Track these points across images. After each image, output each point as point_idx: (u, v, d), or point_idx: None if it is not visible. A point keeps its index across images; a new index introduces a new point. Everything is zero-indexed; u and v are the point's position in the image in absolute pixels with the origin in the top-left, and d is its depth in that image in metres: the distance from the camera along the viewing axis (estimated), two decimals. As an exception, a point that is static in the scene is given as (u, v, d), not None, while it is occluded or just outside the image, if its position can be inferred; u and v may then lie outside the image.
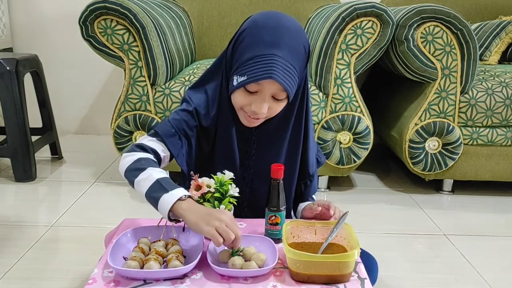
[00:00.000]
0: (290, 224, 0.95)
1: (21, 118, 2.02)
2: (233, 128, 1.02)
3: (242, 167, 1.06)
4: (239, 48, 0.95)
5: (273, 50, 0.90)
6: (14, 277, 1.33)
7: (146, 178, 0.91)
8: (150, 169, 0.93)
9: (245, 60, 0.92)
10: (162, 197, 0.87)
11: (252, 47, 0.92)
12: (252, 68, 0.91)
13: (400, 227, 1.73)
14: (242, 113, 0.99)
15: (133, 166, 0.95)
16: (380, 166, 2.41)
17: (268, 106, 0.95)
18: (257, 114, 0.96)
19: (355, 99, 1.86)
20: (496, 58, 2.23)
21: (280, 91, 0.94)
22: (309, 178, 1.12)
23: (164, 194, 0.88)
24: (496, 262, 1.50)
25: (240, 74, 0.93)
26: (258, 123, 1.01)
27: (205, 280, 0.83)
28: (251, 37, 0.93)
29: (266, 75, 0.89)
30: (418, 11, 1.77)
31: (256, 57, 0.91)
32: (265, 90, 0.93)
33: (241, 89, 0.95)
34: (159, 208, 0.88)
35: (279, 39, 0.91)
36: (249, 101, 0.95)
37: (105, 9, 1.74)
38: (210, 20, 2.48)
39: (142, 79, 1.84)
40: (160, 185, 0.90)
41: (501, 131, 1.91)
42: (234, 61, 0.96)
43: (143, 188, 0.91)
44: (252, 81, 0.91)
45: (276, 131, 1.04)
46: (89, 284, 0.81)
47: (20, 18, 2.73)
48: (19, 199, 1.93)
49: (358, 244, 0.85)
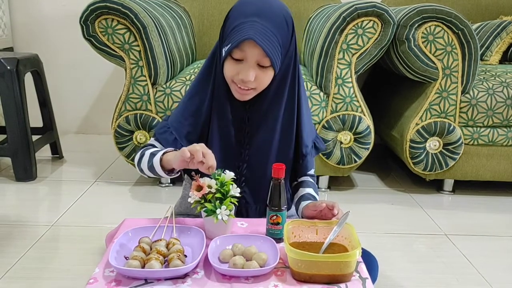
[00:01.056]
0: (291, 223, 0.95)
1: (22, 117, 2.02)
2: (228, 106, 1.06)
3: (238, 143, 1.09)
4: (225, 24, 1.02)
5: (253, 18, 0.96)
6: (15, 276, 1.33)
7: (145, 158, 1.07)
8: (147, 151, 1.07)
9: (230, 30, 0.99)
10: (153, 160, 1.03)
11: (236, 19, 0.98)
12: (234, 34, 0.97)
13: (401, 227, 1.73)
14: (233, 86, 1.03)
15: (139, 159, 1.09)
16: (381, 166, 2.41)
17: (254, 74, 0.99)
18: (245, 82, 0.99)
19: (356, 99, 1.86)
20: (497, 58, 2.23)
21: (263, 57, 0.97)
22: (302, 157, 1.14)
23: (154, 157, 1.03)
24: (497, 262, 1.50)
25: (226, 44, 0.99)
26: (249, 96, 1.04)
27: (206, 280, 0.83)
28: (235, 12, 1.00)
29: (245, 36, 0.94)
30: (419, 11, 1.77)
31: (238, 25, 0.97)
32: (248, 57, 0.98)
33: (229, 60, 1.00)
34: (156, 169, 1.03)
35: (260, 10, 0.97)
36: (237, 70, 1.00)
37: (106, 8, 1.74)
38: (210, 19, 2.48)
39: (143, 78, 1.84)
40: (152, 155, 1.04)
41: (502, 131, 1.90)
42: (222, 37, 1.03)
43: (145, 166, 1.06)
44: (234, 45, 0.96)
45: (269, 109, 1.07)
46: (90, 283, 0.81)
47: (20, 17, 2.73)
48: (20, 198, 1.93)
49: (359, 244, 0.85)
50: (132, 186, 2.05)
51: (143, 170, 1.08)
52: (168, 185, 2.04)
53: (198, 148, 0.92)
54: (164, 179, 2.04)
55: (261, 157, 1.08)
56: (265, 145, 1.09)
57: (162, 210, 1.07)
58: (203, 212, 0.96)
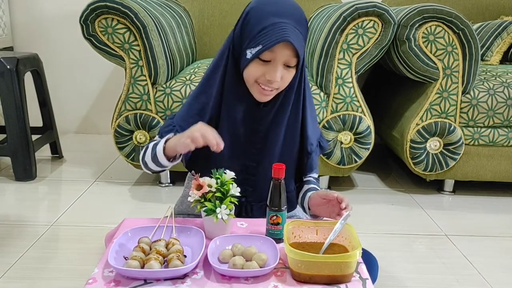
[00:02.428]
0: (291, 224, 0.94)
1: (22, 117, 2.01)
2: (239, 105, 1.06)
3: (248, 143, 1.09)
4: (248, 26, 0.99)
5: (282, 18, 0.96)
6: (14, 276, 1.33)
7: (149, 150, 1.07)
8: (150, 143, 1.08)
9: (256, 32, 0.97)
10: (156, 148, 1.03)
11: (261, 20, 0.97)
12: (265, 36, 0.95)
13: (401, 228, 1.73)
14: (255, 87, 1.02)
15: (143, 153, 1.10)
16: (381, 166, 2.40)
17: (281, 75, 0.99)
18: (272, 82, 0.99)
19: (356, 99, 1.86)
20: (498, 58, 2.22)
21: (291, 57, 0.98)
22: (307, 156, 1.14)
23: (157, 146, 1.03)
24: (498, 262, 1.50)
25: (254, 46, 0.97)
26: (271, 97, 1.04)
27: (206, 280, 0.83)
28: (258, 13, 0.99)
29: (282, 38, 0.94)
30: (420, 11, 1.77)
31: (268, 26, 0.96)
32: (278, 57, 0.97)
33: (254, 61, 0.99)
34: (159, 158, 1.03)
35: (285, 10, 0.98)
36: (263, 72, 0.99)
37: (106, 8, 1.74)
38: (211, 19, 2.48)
39: (142, 78, 1.84)
40: (155, 145, 1.05)
41: (503, 131, 1.90)
42: (244, 38, 1.00)
43: (149, 158, 1.06)
44: (268, 47, 0.95)
45: (280, 107, 1.07)
46: (90, 283, 0.80)
47: (20, 17, 2.73)
48: (19, 198, 1.93)
49: (359, 244, 0.85)
50: (131, 186, 2.04)
51: (147, 164, 1.08)
52: (168, 185, 2.04)
53: (196, 134, 0.93)
54: (164, 178, 2.04)
55: (273, 156, 1.08)
56: (277, 144, 1.09)
57: (161, 210, 1.07)
58: (202, 211, 0.96)
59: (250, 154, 1.09)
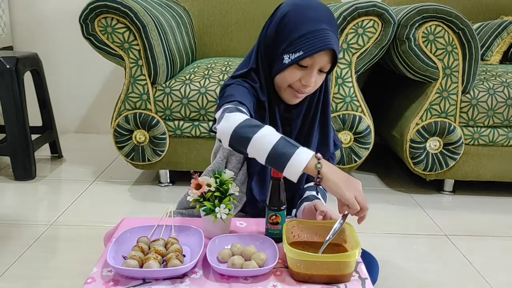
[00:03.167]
0: (290, 223, 0.94)
1: (21, 116, 2.01)
2: (277, 107, 1.06)
3: None
4: (285, 29, 0.98)
5: (323, 25, 0.96)
6: (13, 275, 1.32)
7: (269, 134, 0.87)
8: (268, 127, 0.89)
9: (297, 37, 0.96)
10: (296, 152, 0.85)
11: (301, 25, 0.96)
12: (307, 42, 0.95)
13: (401, 227, 1.73)
14: (288, 91, 1.03)
15: (246, 123, 0.89)
16: (381, 166, 2.40)
17: (316, 79, 1.00)
18: (307, 87, 1.00)
19: (356, 98, 1.86)
20: (498, 58, 2.22)
21: (327, 63, 0.99)
22: (330, 155, 1.15)
23: (297, 150, 0.85)
24: (498, 262, 1.50)
25: (294, 51, 0.96)
26: (300, 99, 1.05)
27: (205, 280, 0.82)
28: (297, 17, 0.98)
29: (326, 46, 0.95)
30: (420, 11, 1.77)
31: (309, 33, 0.95)
32: (316, 63, 0.98)
33: (292, 66, 0.98)
34: (291, 163, 0.84)
35: (324, 16, 0.98)
36: (299, 76, 0.99)
37: (105, 7, 1.73)
38: (210, 19, 2.48)
39: (142, 77, 1.84)
40: (287, 141, 0.87)
41: (503, 131, 1.90)
42: (280, 42, 0.99)
43: (267, 145, 0.86)
44: (311, 54, 0.95)
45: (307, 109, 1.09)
46: (88, 283, 0.80)
47: (20, 16, 2.72)
48: (19, 197, 1.93)
49: (359, 244, 0.85)
50: (131, 185, 2.04)
51: (249, 139, 0.87)
52: (167, 184, 2.03)
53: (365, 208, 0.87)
54: (163, 178, 2.04)
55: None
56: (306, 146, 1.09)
57: (161, 209, 1.07)
58: (202, 211, 0.96)
59: None
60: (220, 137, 0.93)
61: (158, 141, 1.89)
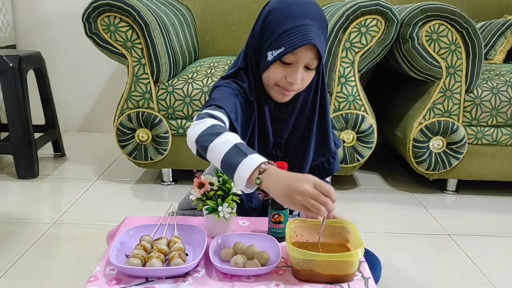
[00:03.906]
0: (293, 222, 0.94)
1: (24, 115, 2.01)
2: (267, 107, 1.05)
3: (275, 145, 1.08)
4: (269, 26, 0.98)
5: (306, 20, 0.94)
6: (16, 274, 1.33)
7: (223, 143, 0.84)
8: (227, 133, 0.86)
9: (279, 34, 0.95)
10: (241, 164, 0.80)
11: (284, 21, 0.95)
12: (289, 38, 0.94)
13: (404, 227, 1.72)
14: (275, 89, 1.01)
15: (207, 132, 0.87)
16: (384, 166, 2.40)
17: (301, 76, 0.98)
18: (292, 85, 0.98)
19: (359, 97, 1.85)
20: (501, 57, 2.22)
21: (312, 60, 0.97)
22: (331, 154, 1.14)
23: (243, 160, 0.81)
24: (501, 262, 1.49)
25: (276, 48, 0.95)
26: (289, 97, 1.03)
27: (208, 279, 0.82)
28: (281, 14, 0.97)
29: (306, 41, 0.93)
30: (423, 9, 1.76)
31: (291, 28, 0.94)
32: (300, 60, 0.96)
33: (276, 63, 0.97)
34: (237, 174, 0.81)
35: (308, 11, 0.96)
36: (284, 74, 0.98)
37: (108, 6, 1.74)
38: (213, 18, 2.48)
39: (145, 76, 1.84)
40: (238, 149, 0.83)
41: (506, 130, 1.89)
42: (265, 39, 0.99)
43: (219, 154, 0.83)
44: (291, 50, 0.93)
45: (301, 109, 1.07)
46: (91, 281, 0.80)
47: (23, 15, 2.73)
48: (22, 196, 1.93)
49: (362, 243, 0.84)
50: (134, 184, 2.04)
51: (206, 148, 0.86)
52: (170, 183, 2.04)
53: (320, 208, 0.78)
54: (166, 177, 2.04)
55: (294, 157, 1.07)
56: (300, 147, 1.09)
57: (164, 208, 1.07)
58: (204, 209, 0.96)
59: (276, 156, 1.09)
60: (188, 145, 0.91)
61: (160, 140, 1.89)
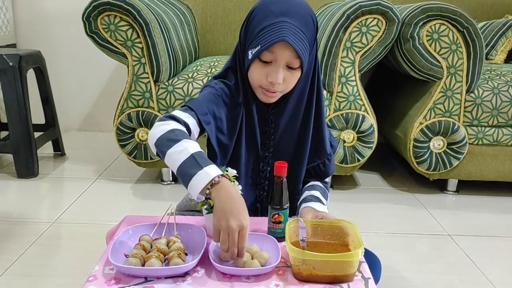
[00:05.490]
0: (293, 222, 0.93)
1: (24, 114, 2.01)
2: (254, 108, 1.04)
3: (263, 146, 1.08)
4: (250, 26, 0.98)
5: (283, 18, 0.93)
6: (15, 273, 1.32)
7: (181, 151, 0.86)
8: (185, 141, 0.87)
9: (257, 32, 0.95)
10: (195, 176, 0.83)
11: (263, 20, 0.95)
12: (264, 36, 0.93)
13: (404, 227, 1.72)
14: (259, 90, 1.01)
15: (166, 136, 0.89)
16: (384, 165, 2.39)
17: (283, 76, 0.96)
18: (274, 85, 0.97)
19: (360, 97, 1.85)
20: (502, 57, 2.21)
21: (293, 59, 0.95)
22: (326, 156, 1.13)
23: (199, 171, 0.84)
24: (501, 262, 1.49)
25: (254, 46, 0.95)
26: (275, 98, 1.02)
27: (207, 278, 0.82)
28: (261, 13, 0.97)
29: (278, 38, 0.92)
30: (424, 9, 1.76)
31: (267, 26, 0.94)
32: (278, 58, 0.95)
33: (256, 62, 0.97)
34: (190, 185, 0.84)
35: (288, 9, 0.95)
36: (265, 73, 0.97)
37: (108, 5, 1.73)
38: (214, 17, 2.47)
39: (145, 75, 1.83)
40: (195, 160, 0.85)
41: (507, 130, 1.89)
42: (248, 39, 0.98)
43: (176, 162, 0.86)
44: (265, 48, 0.93)
45: (293, 110, 1.05)
46: (90, 281, 0.80)
47: (23, 14, 2.73)
48: (21, 195, 1.93)
49: (362, 243, 0.84)
50: (134, 183, 2.04)
51: (164, 154, 0.89)
52: (170, 183, 2.03)
53: (234, 251, 0.81)
54: (166, 176, 2.04)
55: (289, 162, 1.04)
56: (288, 149, 1.07)
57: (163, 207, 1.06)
58: (204, 209, 0.95)
59: (264, 157, 1.08)
60: (149, 144, 0.92)
61: (160, 139, 1.89)
